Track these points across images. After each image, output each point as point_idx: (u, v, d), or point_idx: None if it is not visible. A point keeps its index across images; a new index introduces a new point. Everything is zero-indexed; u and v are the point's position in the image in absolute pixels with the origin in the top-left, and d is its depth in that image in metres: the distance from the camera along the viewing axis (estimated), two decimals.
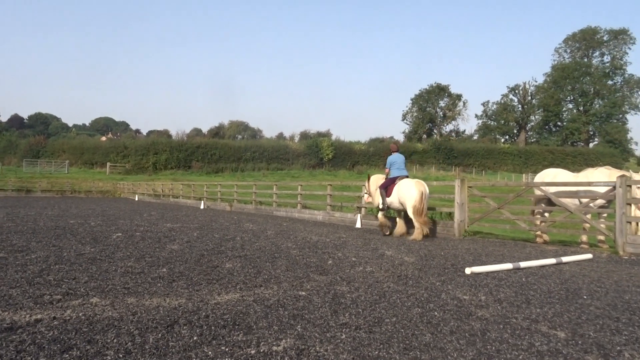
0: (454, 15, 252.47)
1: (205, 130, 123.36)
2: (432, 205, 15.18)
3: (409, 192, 10.97)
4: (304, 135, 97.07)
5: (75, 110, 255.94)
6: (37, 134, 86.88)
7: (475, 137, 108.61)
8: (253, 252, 8.06)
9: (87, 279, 5.43)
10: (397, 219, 11.93)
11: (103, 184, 48.65)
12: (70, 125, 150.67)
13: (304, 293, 5.01)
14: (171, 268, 6.30)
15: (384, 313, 4.30)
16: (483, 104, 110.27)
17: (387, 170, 11.94)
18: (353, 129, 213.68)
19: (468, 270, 6.40)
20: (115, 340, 3.39)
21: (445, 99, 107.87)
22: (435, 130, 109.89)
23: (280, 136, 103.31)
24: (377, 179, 12.52)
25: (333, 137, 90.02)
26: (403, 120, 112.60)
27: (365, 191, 13.07)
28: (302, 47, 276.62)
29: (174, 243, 9.02)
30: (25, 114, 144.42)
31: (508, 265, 6.80)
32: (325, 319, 4.08)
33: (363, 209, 15.04)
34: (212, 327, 3.75)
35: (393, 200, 11.54)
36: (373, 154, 79.29)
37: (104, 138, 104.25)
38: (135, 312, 4.14)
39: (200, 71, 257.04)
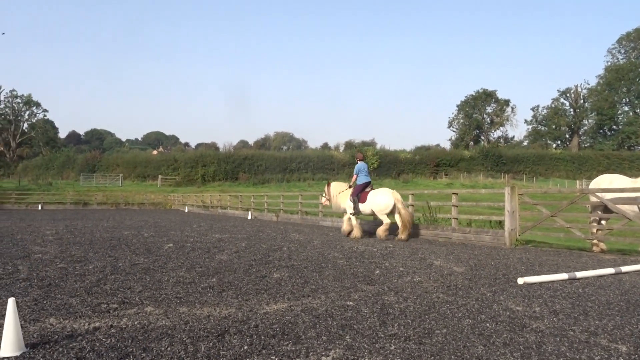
0: (499, 18, 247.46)
1: (251, 142, 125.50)
2: (481, 213, 14.87)
3: (384, 200, 12.46)
4: (349, 145, 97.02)
5: (128, 126, 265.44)
6: (93, 149, 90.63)
7: (525, 143, 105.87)
8: (300, 262, 8.11)
9: (142, 289, 5.60)
10: (354, 224, 13.14)
11: (155, 196, 50.08)
12: (124, 140, 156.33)
13: (351, 303, 5.00)
14: (221, 278, 6.42)
15: (433, 324, 4.24)
16: (532, 109, 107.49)
17: (355, 176, 13.27)
18: (398, 138, 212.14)
19: (521, 281, 6.22)
20: (169, 349, 3.48)
21: (492, 105, 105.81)
22: (482, 137, 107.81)
23: (325, 146, 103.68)
24: (337, 186, 14.02)
25: (378, 146, 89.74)
26: (449, 127, 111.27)
27: (325, 196, 14.24)
28: (344, 55, 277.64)
29: (223, 253, 9.19)
30: (81, 131, 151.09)
31: (563, 276, 6.57)
32: (374, 329, 4.05)
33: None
34: (262, 337, 3.79)
35: (366, 207, 12.84)
36: (419, 162, 78.47)
37: (155, 152, 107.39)
38: (187, 321, 4.24)
39: (245, 83, 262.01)
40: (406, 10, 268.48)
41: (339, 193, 13.71)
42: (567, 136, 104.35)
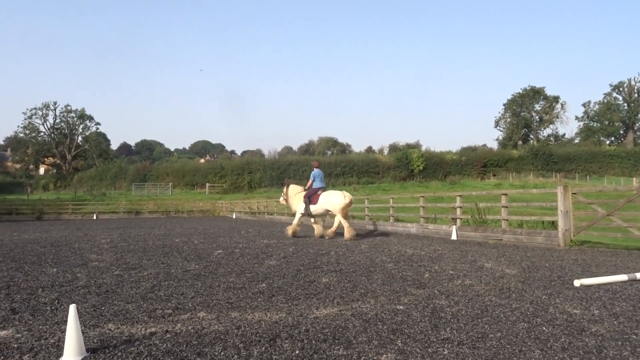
0: (544, 11, 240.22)
1: (295, 147, 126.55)
2: (533, 213, 14.48)
3: (338, 200, 13.53)
4: (393, 148, 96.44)
5: (176, 136, 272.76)
6: (143, 160, 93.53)
7: (576, 141, 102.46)
8: (348, 266, 8.10)
9: (194, 294, 5.73)
10: (315, 225, 14.49)
11: (203, 203, 51.12)
12: (172, 149, 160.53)
13: (402, 307, 4.96)
14: (270, 283, 6.49)
15: (487, 328, 4.15)
16: (584, 105, 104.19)
17: (310, 181, 14.45)
18: (443, 139, 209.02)
19: (577, 283, 6.01)
20: (222, 353, 3.54)
21: (541, 102, 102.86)
22: (531, 136, 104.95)
23: (369, 150, 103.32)
24: (295, 188, 15.33)
25: (423, 148, 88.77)
26: (496, 126, 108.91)
27: (283, 196, 15.70)
28: (387, 57, 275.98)
29: (271, 259, 9.28)
30: (132, 142, 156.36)
31: (622, 277, 6.30)
32: (425, 333, 4.00)
33: (458, 220, 14.63)
34: (313, 341, 3.81)
35: (318, 208, 13.94)
36: (466, 163, 77.13)
37: (202, 160, 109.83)
38: (239, 326, 4.30)
39: (290, 90, 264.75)
40: (450, 9, 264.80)
41: (295, 195, 15.04)
42: (622, 132, 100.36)
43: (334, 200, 13.64)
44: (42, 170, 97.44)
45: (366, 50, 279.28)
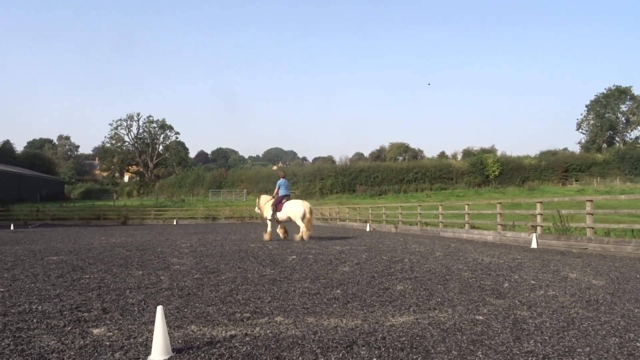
0: (628, 6, 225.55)
1: (367, 153, 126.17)
2: (621, 221, 13.69)
3: (297, 209, 15.85)
4: (467, 153, 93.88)
5: (250, 143, 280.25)
6: (219, 167, 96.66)
7: None
8: (423, 274, 7.97)
9: (270, 299, 5.85)
10: (278, 228, 16.75)
11: None
12: (246, 157, 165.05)
13: (481, 317, 4.81)
14: (344, 289, 6.50)
15: (574, 342, 3.94)
16: None
17: (276, 190, 16.70)
18: (520, 143, 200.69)
19: None
20: (300, 358, 3.59)
21: (627, 103, 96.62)
22: (617, 138, 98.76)
23: (442, 155, 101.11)
24: (265, 198, 17.50)
25: (498, 153, 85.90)
26: (578, 129, 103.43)
27: (257, 205, 17.84)
28: (463, 62, 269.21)
29: (345, 265, 9.30)
30: (209, 150, 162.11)
31: None
32: (507, 345, 3.86)
33: (539, 228, 14.01)
34: (390, 350, 3.78)
35: (282, 215, 16.13)
36: (545, 168, 73.81)
37: (275, 167, 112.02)
38: (315, 331, 4.34)
39: (361, 95, 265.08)
40: (528, 7, 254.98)
41: (265, 203, 17.13)
42: None
43: (294, 208, 15.94)
44: (126, 178, 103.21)
45: (440, 55, 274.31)
